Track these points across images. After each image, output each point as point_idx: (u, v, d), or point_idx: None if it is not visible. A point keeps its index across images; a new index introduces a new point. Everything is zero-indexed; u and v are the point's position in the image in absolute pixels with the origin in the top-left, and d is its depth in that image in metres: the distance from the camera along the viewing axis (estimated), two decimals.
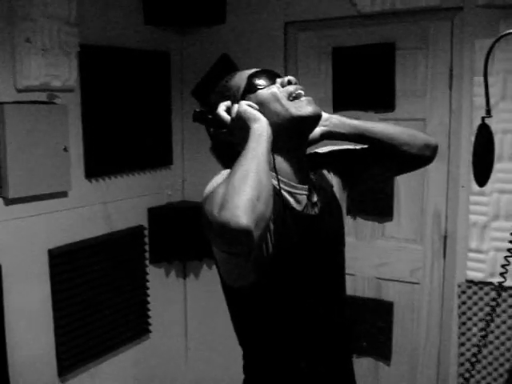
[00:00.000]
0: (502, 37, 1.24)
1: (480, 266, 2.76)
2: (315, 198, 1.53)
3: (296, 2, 3.12)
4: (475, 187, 2.69)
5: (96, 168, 3.00)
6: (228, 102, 1.49)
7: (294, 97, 1.47)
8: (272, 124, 1.41)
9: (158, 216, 3.41)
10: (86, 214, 2.97)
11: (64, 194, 2.84)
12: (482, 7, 2.60)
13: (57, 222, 2.82)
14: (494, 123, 2.31)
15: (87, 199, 2.98)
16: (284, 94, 1.47)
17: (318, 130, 1.59)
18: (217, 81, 3.70)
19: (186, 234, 3.45)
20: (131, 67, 3.16)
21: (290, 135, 1.48)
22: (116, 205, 3.16)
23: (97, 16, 2.94)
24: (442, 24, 2.82)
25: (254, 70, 1.52)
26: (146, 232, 3.37)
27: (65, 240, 2.85)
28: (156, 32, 3.33)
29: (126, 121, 3.15)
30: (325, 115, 1.60)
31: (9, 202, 2.57)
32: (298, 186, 1.50)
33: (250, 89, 1.48)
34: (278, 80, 1.50)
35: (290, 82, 1.49)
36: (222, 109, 1.48)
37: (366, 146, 1.69)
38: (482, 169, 1.38)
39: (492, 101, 2.33)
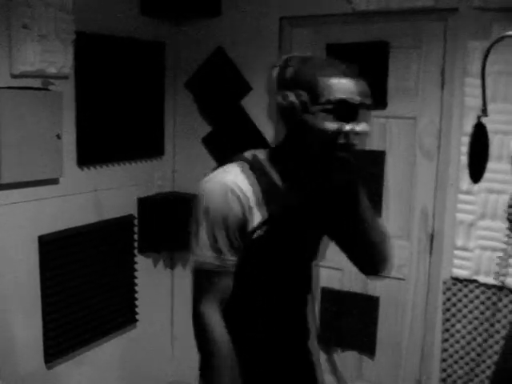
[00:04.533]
0: (501, 39, 1.28)
1: (465, 263, 2.81)
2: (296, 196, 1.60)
3: None
4: (463, 186, 2.75)
5: (88, 156, 3.00)
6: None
7: (344, 143, 1.46)
8: (308, 142, 1.48)
9: (147, 206, 3.42)
10: (76, 202, 2.98)
11: (55, 181, 2.84)
12: (477, 9, 2.65)
13: (47, 209, 2.82)
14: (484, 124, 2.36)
15: (78, 187, 2.99)
16: (337, 138, 1.45)
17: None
18: (211, 74, 3.72)
19: (174, 224, 3.46)
20: (126, 56, 3.16)
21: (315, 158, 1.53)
22: (106, 193, 3.17)
23: (93, 4, 2.94)
24: (435, 24, 2.85)
25: (342, 97, 1.43)
26: (136, 221, 3.38)
27: (55, 227, 2.86)
28: (152, 22, 3.33)
29: (119, 110, 3.15)
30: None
31: (1, 187, 2.57)
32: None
33: (325, 108, 1.43)
34: (349, 125, 1.46)
35: (355, 134, 1.47)
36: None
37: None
38: (477, 166, 1.42)
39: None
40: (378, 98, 2.97)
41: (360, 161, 1.55)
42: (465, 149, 2.61)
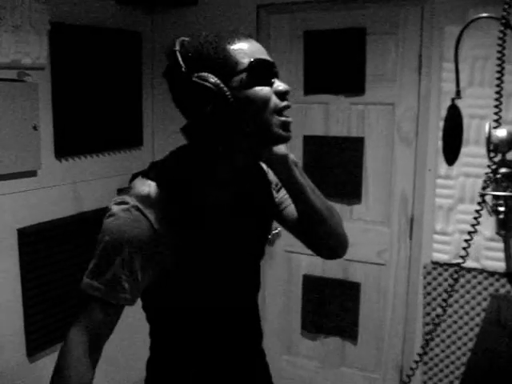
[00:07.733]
0: (472, 21, 1.28)
1: (445, 247, 2.84)
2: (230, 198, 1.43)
3: None
4: (442, 171, 2.77)
5: (66, 147, 2.98)
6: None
7: (279, 110, 1.29)
8: (241, 121, 1.28)
9: None
10: (55, 194, 2.95)
11: (33, 174, 2.81)
12: None
13: (26, 202, 2.79)
14: (461, 108, 2.37)
15: (57, 179, 2.96)
16: (272, 104, 1.28)
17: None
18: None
19: None
20: (102, 46, 3.13)
21: (250, 141, 1.33)
22: (86, 185, 3.14)
23: None
24: (412, 10, 2.86)
25: (259, 57, 1.28)
26: None
27: (34, 220, 2.83)
28: (128, 11, 3.30)
29: (96, 100, 3.12)
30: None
31: None
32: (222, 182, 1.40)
33: (246, 78, 1.25)
34: (276, 85, 1.30)
35: (285, 95, 1.30)
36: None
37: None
38: (451, 148, 1.43)
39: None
40: (355, 84, 3.02)
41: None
42: None
